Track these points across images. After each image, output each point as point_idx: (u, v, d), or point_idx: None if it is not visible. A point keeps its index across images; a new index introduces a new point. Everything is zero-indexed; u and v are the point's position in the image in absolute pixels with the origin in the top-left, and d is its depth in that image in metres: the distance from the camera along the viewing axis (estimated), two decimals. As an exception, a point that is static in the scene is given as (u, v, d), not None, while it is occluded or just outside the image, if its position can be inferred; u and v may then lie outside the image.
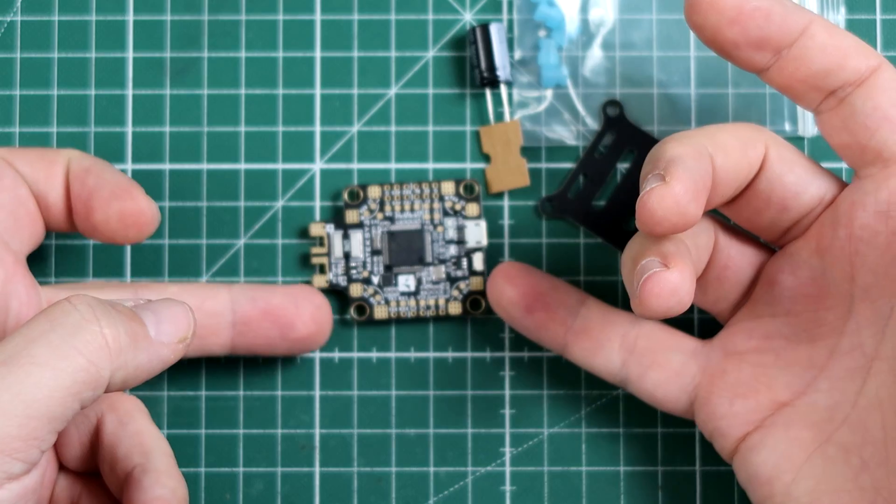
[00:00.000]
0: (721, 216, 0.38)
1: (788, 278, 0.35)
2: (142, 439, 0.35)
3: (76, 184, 0.35)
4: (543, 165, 0.42)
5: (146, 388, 0.41)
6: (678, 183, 0.30)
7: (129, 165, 0.42)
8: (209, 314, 0.38)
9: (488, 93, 0.41)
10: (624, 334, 0.37)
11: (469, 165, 0.42)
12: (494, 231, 0.42)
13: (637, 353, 0.37)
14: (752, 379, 0.35)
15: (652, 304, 0.30)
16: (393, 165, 0.42)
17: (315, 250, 0.41)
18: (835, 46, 0.32)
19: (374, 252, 0.41)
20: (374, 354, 0.41)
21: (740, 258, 0.36)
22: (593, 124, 0.42)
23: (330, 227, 0.41)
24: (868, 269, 0.33)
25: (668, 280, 0.30)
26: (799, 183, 0.34)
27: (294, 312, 0.38)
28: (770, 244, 0.37)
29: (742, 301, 0.37)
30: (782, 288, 0.35)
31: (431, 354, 0.41)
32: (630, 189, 0.41)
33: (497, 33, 0.41)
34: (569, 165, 0.42)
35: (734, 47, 0.32)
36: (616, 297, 0.41)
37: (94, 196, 0.35)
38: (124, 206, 0.35)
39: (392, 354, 0.41)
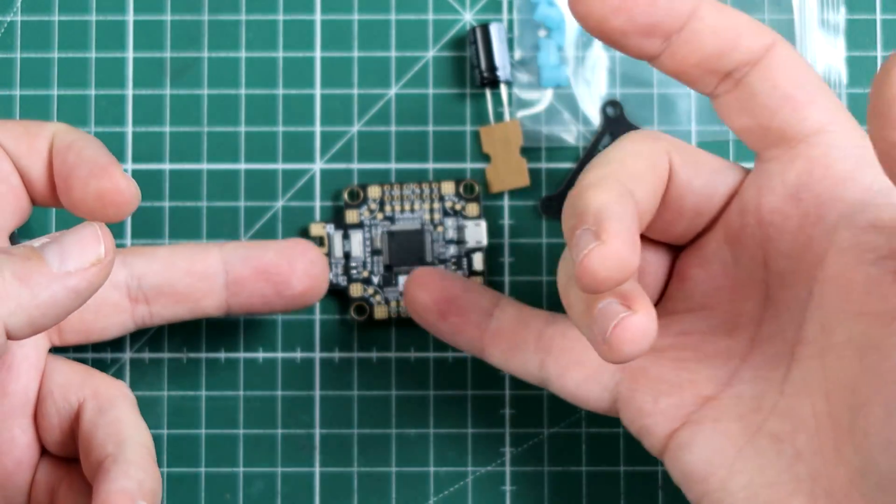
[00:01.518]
0: None
1: (699, 272, 0.34)
2: (119, 428, 0.34)
3: (58, 160, 0.34)
4: (543, 165, 0.42)
5: (146, 388, 0.41)
6: (615, 239, 0.28)
7: (130, 165, 0.42)
8: (201, 276, 0.37)
9: (488, 93, 0.41)
10: (539, 334, 0.36)
11: (469, 165, 0.42)
12: (494, 231, 0.42)
13: (555, 352, 0.36)
14: (674, 375, 0.34)
15: (625, 351, 0.29)
16: (393, 165, 0.42)
17: (315, 250, 0.41)
18: (726, 27, 0.31)
19: (374, 252, 0.41)
20: (374, 354, 0.41)
21: (656, 262, 0.35)
22: (593, 124, 0.42)
23: (330, 228, 0.41)
24: (781, 254, 0.32)
25: (638, 324, 0.29)
26: (709, 184, 0.33)
27: (288, 269, 0.37)
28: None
29: (657, 300, 0.36)
30: (694, 283, 0.35)
31: (431, 354, 0.41)
32: (630, 189, 0.41)
33: (497, 33, 0.41)
34: (569, 165, 0.42)
35: (622, 36, 0.31)
36: (616, 297, 0.41)
37: (72, 174, 0.34)
38: (101, 185, 0.34)
39: (392, 354, 0.41)
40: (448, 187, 0.41)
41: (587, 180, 0.31)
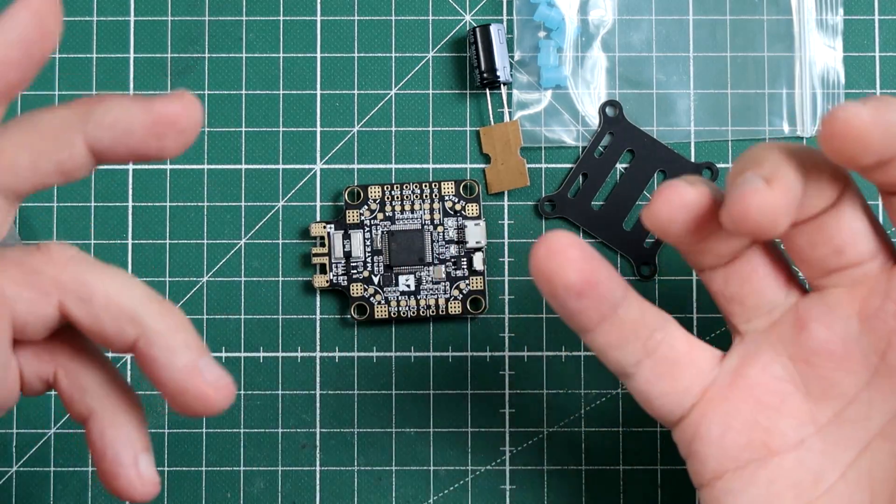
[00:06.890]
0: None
1: (821, 330, 0.33)
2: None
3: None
4: (543, 165, 0.42)
5: (147, 388, 0.41)
6: (782, 192, 0.29)
7: (131, 166, 0.42)
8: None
9: (488, 93, 0.42)
10: (650, 336, 0.34)
11: (469, 165, 0.42)
12: (494, 231, 0.42)
13: (656, 358, 0.34)
14: (751, 416, 0.33)
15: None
16: (393, 165, 0.42)
17: (315, 250, 0.41)
18: None
19: (375, 252, 0.41)
20: (374, 354, 0.42)
21: (783, 301, 0.34)
22: (592, 125, 0.42)
23: (330, 227, 0.41)
24: None
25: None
26: (863, 231, 0.32)
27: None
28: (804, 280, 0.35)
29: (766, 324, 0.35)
30: (811, 337, 0.33)
31: (431, 354, 0.42)
32: (629, 189, 0.42)
33: (497, 34, 0.41)
34: (568, 165, 0.42)
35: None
36: (615, 296, 0.41)
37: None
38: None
39: (392, 354, 0.42)
40: (448, 187, 0.41)
41: (779, 144, 0.31)
